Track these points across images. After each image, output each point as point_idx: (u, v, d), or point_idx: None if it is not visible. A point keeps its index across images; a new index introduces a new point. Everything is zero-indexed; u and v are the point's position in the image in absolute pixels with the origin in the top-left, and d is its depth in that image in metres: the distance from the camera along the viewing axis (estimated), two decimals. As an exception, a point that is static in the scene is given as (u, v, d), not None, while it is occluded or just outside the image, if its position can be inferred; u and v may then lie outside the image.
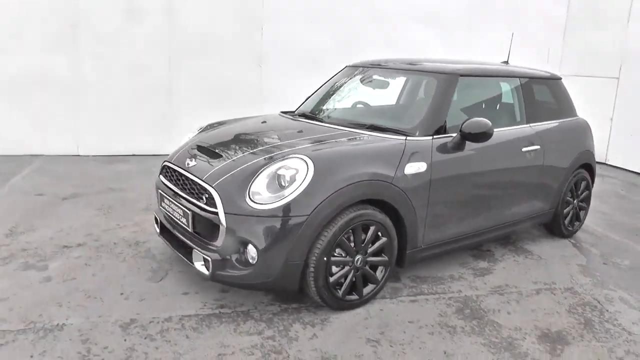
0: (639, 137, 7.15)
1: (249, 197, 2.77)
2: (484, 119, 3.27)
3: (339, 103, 4.04)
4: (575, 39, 8.12)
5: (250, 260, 2.78)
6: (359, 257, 2.97)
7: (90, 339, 2.61)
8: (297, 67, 7.14)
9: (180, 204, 3.05)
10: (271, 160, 2.89)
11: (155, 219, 3.53)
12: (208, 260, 2.84)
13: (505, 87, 3.98)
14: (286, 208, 2.70)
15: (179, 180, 3.17)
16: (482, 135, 3.27)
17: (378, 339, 2.75)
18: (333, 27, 7.22)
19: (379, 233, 3.03)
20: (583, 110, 4.95)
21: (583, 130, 4.48)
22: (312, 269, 2.80)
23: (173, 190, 3.18)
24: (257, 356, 2.53)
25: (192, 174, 3.05)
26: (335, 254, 2.87)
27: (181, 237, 3.08)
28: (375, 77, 4.05)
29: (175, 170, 3.26)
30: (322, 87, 4.39)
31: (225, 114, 6.90)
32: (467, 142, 3.36)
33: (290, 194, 2.72)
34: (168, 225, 3.26)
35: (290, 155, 2.87)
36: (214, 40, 6.81)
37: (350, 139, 3.19)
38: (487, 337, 2.84)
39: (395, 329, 2.86)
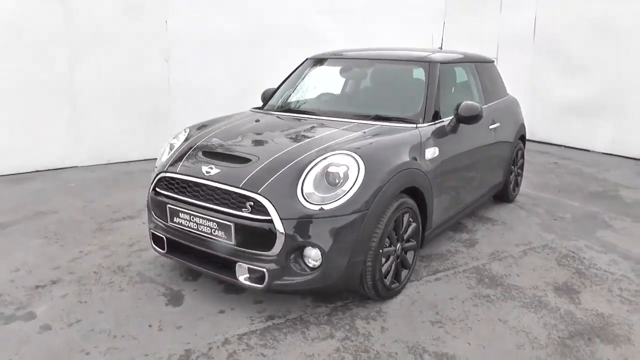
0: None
1: (304, 199, 2.63)
2: (475, 103, 3.53)
3: (327, 95, 4.00)
4: (455, 25, 8.97)
5: (313, 265, 2.66)
6: (398, 245, 3.03)
7: (159, 382, 2.29)
8: (207, 61, 6.77)
9: (212, 217, 2.76)
10: (313, 158, 2.77)
11: (156, 237, 3.14)
12: (262, 272, 2.64)
13: (468, 71, 4.31)
14: (347, 205, 2.64)
15: (200, 191, 2.86)
16: (475, 118, 3.53)
17: (439, 320, 2.86)
18: (243, 19, 6.98)
19: (411, 219, 3.12)
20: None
21: (517, 106, 5.06)
22: (369, 264, 2.78)
23: (194, 204, 2.86)
24: (348, 359, 2.46)
25: (219, 182, 2.78)
26: (386, 245, 2.89)
27: (214, 252, 2.81)
28: (354, 68, 4.08)
29: (188, 182, 2.94)
30: (287, 80, 4.27)
31: (135, 114, 6.33)
32: (460, 124, 3.61)
33: (349, 190, 2.65)
34: (187, 243, 2.93)
35: (334, 152, 2.78)
36: (116, 35, 6.11)
37: (367, 130, 3.20)
38: (519, 300, 3.12)
39: (445, 308, 2.99)
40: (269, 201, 2.62)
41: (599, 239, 4.12)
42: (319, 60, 4.30)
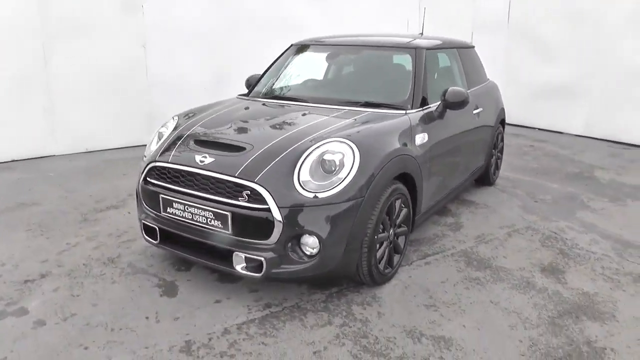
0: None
1: (301, 187, 2.64)
2: (461, 89, 3.58)
3: (314, 82, 3.98)
4: (430, 9, 8.99)
5: (310, 252, 2.68)
6: (391, 230, 3.07)
7: (163, 373, 2.29)
8: (184, 47, 6.63)
9: (208, 207, 2.74)
10: (308, 146, 2.77)
11: (147, 228, 3.11)
12: (260, 261, 2.65)
13: (451, 57, 4.34)
14: (344, 193, 2.65)
15: (194, 181, 2.83)
16: (462, 103, 3.57)
17: (433, 303, 2.92)
18: (221, 3, 6.83)
19: (402, 205, 3.16)
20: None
21: (497, 91, 5.14)
22: (365, 250, 2.82)
23: (189, 194, 2.83)
24: (349, 346, 2.50)
25: (214, 171, 2.76)
26: (380, 232, 2.93)
27: (210, 242, 2.80)
28: (341, 54, 4.06)
29: (181, 171, 2.90)
30: (272, 67, 4.23)
31: (112, 101, 6.17)
32: (447, 110, 3.65)
33: (345, 178, 2.67)
34: (181, 233, 2.91)
35: (329, 140, 2.79)
36: (92, 21, 5.91)
37: (358, 117, 3.20)
38: (508, 281, 3.21)
39: (438, 291, 3.06)
40: (266, 190, 2.61)
41: (579, 220, 4.26)
42: (304, 47, 4.27)
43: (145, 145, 6.54)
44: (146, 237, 3.15)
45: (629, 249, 3.72)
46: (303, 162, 2.70)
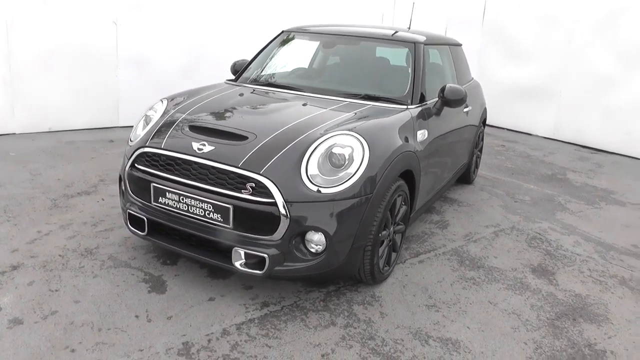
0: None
1: (309, 181, 2.51)
2: (459, 87, 3.53)
3: (308, 70, 3.82)
4: (405, 4, 8.98)
5: (315, 250, 2.56)
6: (392, 228, 2.99)
7: (162, 378, 2.11)
8: (158, 26, 6.29)
9: (207, 198, 2.56)
10: (315, 138, 2.64)
11: (134, 218, 2.88)
12: (263, 257, 2.50)
13: (443, 53, 4.29)
14: (353, 188, 2.54)
15: (190, 170, 2.64)
16: (461, 101, 3.53)
17: (434, 304, 2.87)
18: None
19: (402, 202, 3.09)
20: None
21: (481, 90, 5.16)
22: (369, 248, 2.72)
23: (185, 183, 2.64)
24: (356, 348, 2.41)
25: (215, 161, 2.58)
26: (382, 229, 2.84)
27: (207, 236, 2.62)
28: (337, 44, 3.92)
29: (175, 159, 2.70)
30: (262, 53, 4.04)
31: (79, 79, 5.78)
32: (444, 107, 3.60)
33: (355, 173, 2.56)
34: (173, 225, 2.72)
35: (338, 132, 2.66)
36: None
37: (360, 110, 3.10)
38: (503, 282, 3.21)
39: (436, 291, 3.01)
40: (273, 183, 2.46)
41: (559, 221, 4.34)
42: (297, 34, 4.10)
43: (111, 127, 6.23)
44: (131, 227, 2.93)
45: (610, 251, 3.81)
46: (311, 154, 2.57)
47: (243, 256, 2.56)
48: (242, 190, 2.51)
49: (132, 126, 6.26)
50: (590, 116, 7.27)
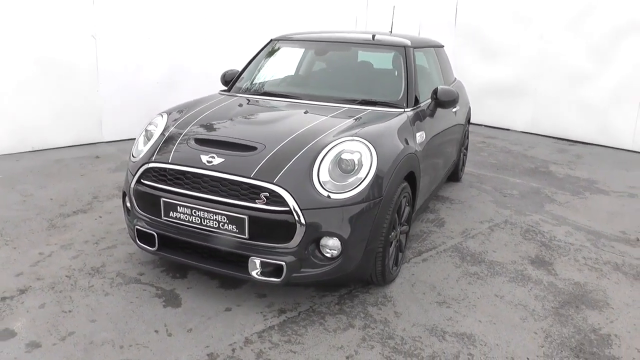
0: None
1: (321, 187, 2.56)
2: (451, 88, 3.64)
3: (303, 78, 3.87)
4: (377, 6, 9.12)
5: (331, 254, 2.61)
6: (399, 229, 3.06)
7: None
8: (138, 39, 6.24)
9: (221, 210, 2.58)
10: (324, 145, 2.69)
11: (142, 234, 2.87)
12: (280, 265, 2.54)
13: (429, 56, 4.40)
14: (364, 193, 2.61)
15: (201, 182, 2.66)
16: (453, 102, 3.64)
17: (444, 300, 2.95)
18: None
19: (407, 203, 3.16)
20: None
21: (464, 89, 5.30)
22: (380, 250, 2.79)
23: (197, 197, 2.65)
24: (378, 348, 2.46)
25: (226, 173, 2.60)
26: (392, 231, 2.91)
27: (222, 247, 2.64)
28: (328, 51, 3.98)
29: (184, 173, 2.71)
30: (253, 62, 4.07)
31: (60, 95, 5.68)
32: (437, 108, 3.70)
33: (365, 177, 2.62)
34: (185, 239, 2.72)
35: (345, 139, 2.72)
36: (36, 6, 5.39)
37: (360, 116, 3.16)
38: (505, 275, 3.32)
39: (444, 288, 3.10)
40: (287, 191, 2.50)
41: (549, 213, 4.50)
42: (286, 42, 4.15)
43: (96, 143, 6.14)
44: (140, 244, 2.92)
45: (601, 239, 3.97)
46: (321, 161, 2.62)
47: (259, 265, 2.59)
48: (257, 200, 2.54)
49: (117, 141, 6.28)
50: (566, 109, 7.53)
